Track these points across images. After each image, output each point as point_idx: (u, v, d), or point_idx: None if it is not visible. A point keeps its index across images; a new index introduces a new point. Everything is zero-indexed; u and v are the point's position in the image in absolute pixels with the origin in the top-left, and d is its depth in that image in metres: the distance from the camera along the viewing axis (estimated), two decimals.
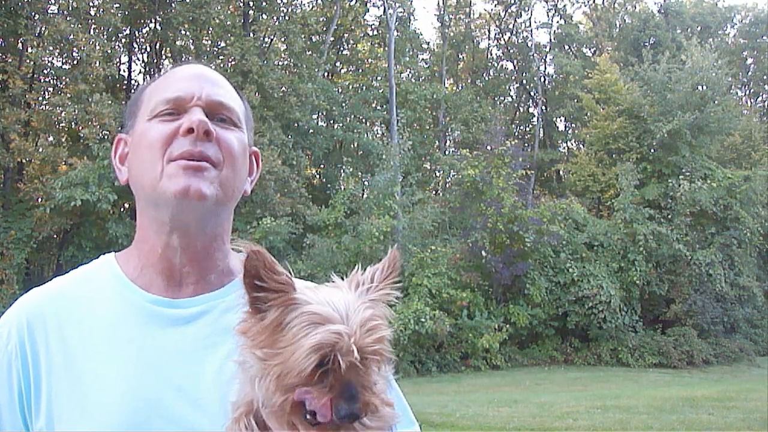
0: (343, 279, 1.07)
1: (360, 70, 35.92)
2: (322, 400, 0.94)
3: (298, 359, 0.93)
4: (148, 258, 1.32)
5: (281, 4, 29.33)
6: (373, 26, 36.45)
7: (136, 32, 27.49)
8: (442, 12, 38.85)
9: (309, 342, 0.93)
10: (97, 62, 22.25)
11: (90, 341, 1.25)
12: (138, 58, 29.33)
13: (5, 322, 1.29)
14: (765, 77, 42.68)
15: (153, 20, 26.47)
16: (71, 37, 21.26)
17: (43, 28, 21.55)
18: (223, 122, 1.32)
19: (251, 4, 28.40)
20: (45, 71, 22.97)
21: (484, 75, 42.28)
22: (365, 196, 27.38)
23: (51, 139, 23.74)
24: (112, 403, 1.19)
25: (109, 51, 23.90)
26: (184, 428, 1.18)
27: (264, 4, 28.11)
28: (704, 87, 29.14)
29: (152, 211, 1.31)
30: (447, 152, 35.04)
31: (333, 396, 0.93)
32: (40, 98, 22.36)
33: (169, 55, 28.70)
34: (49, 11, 22.19)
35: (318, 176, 32.03)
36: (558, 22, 41.15)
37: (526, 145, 37.57)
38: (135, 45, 28.29)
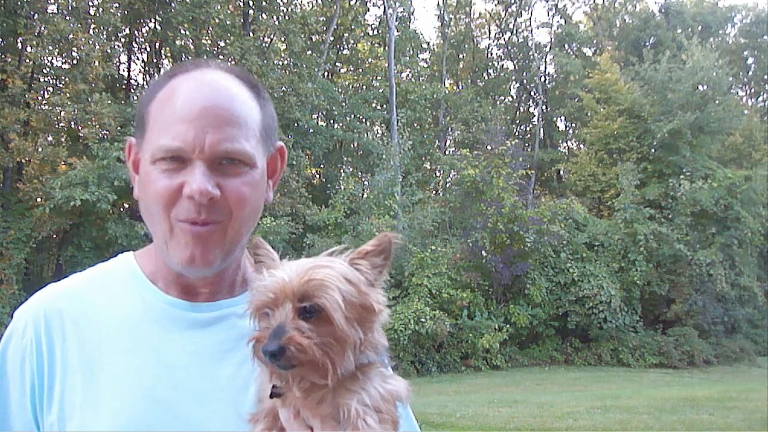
0: None
1: (360, 70, 35.94)
2: (254, 336, 1.03)
3: (250, 301, 1.06)
4: (165, 271, 1.32)
5: (281, 4, 29.31)
6: (373, 26, 36.45)
7: (136, 32, 27.45)
8: (442, 12, 38.86)
9: (254, 289, 1.06)
10: (97, 62, 22.21)
11: (107, 340, 1.25)
12: (138, 58, 29.29)
13: (22, 317, 1.29)
14: (765, 77, 42.67)
15: (153, 20, 26.44)
16: (71, 36, 21.22)
17: (43, 28, 21.50)
18: (233, 164, 1.22)
19: (251, 3, 28.37)
20: (44, 71, 22.92)
21: (484, 75, 42.28)
22: (365, 196, 27.38)
23: (50, 138, 23.73)
24: (126, 403, 1.20)
25: (109, 51, 23.86)
26: (196, 431, 1.19)
27: (264, 3, 28.09)
28: (705, 87, 29.16)
29: (164, 249, 1.29)
30: (447, 152, 35.05)
31: (264, 335, 1.01)
32: (40, 98, 22.31)
33: (169, 54, 28.66)
34: (48, 11, 22.15)
35: (318, 176, 32.02)
36: (558, 21, 41.22)
37: (527, 144, 37.59)
38: (134, 44, 28.25)
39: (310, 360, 0.98)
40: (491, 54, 42.87)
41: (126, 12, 24.69)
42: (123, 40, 26.97)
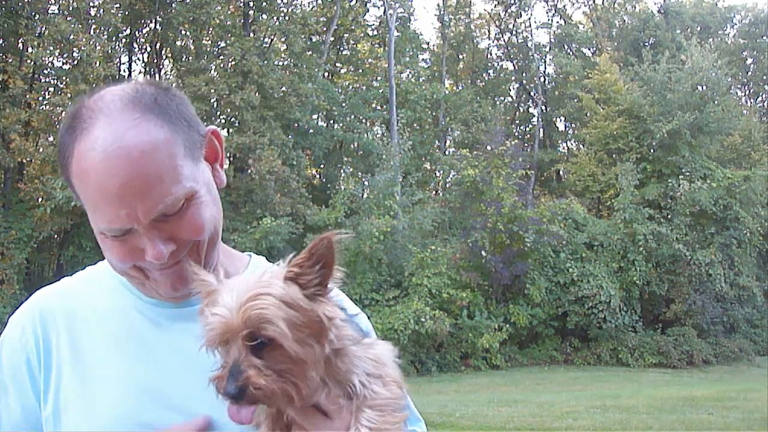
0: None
1: (360, 70, 35.92)
2: (214, 376, 1.04)
3: (203, 340, 1.05)
4: None
5: (281, 4, 29.33)
6: (373, 26, 36.46)
7: (136, 32, 27.48)
8: (442, 12, 38.85)
9: (202, 325, 1.05)
10: (98, 62, 22.25)
11: (96, 335, 1.30)
12: (138, 58, 29.33)
13: (18, 316, 1.34)
14: (765, 77, 42.65)
15: (153, 20, 26.47)
16: (71, 37, 21.26)
17: (44, 28, 21.55)
18: (175, 213, 1.20)
19: (251, 4, 28.39)
20: (45, 71, 22.98)
21: (484, 75, 42.25)
22: (365, 196, 27.38)
23: (51, 139, 23.74)
24: (118, 396, 1.24)
25: (110, 51, 23.91)
26: (186, 419, 1.23)
27: (264, 4, 28.11)
28: (704, 87, 29.16)
29: (142, 288, 1.32)
30: (447, 152, 35.03)
31: (223, 374, 1.01)
32: (41, 98, 22.37)
33: (170, 55, 28.69)
34: (49, 11, 22.21)
35: (318, 176, 32.04)
36: (558, 22, 41.20)
37: (526, 145, 37.57)
38: (135, 45, 28.28)
39: (271, 394, 0.99)
40: (491, 54, 42.85)
41: (126, 12, 24.72)
42: (123, 40, 27.00)
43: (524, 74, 40.43)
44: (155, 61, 28.32)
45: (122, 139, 1.14)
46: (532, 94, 40.22)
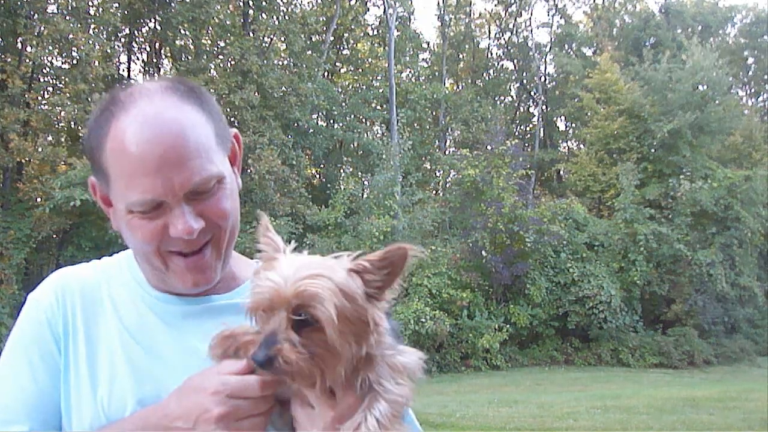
0: None
1: (360, 70, 35.91)
2: (245, 339, 1.06)
3: (248, 299, 1.06)
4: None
5: (281, 4, 29.29)
6: (373, 26, 36.46)
7: (136, 32, 27.44)
8: (442, 12, 38.84)
9: (252, 286, 1.06)
10: (97, 62, 22.18)
11: (110, 326, 1.32)
12: (137, 58, 29.28)
13: (46, 291, 1.38)
14: (766, 77, 42.66)
15: (152, 20, 26.42)
16: (70, 36, 21.21)
17: (43, 28, 21.50)
18: (206, 190, 1.24)
19: (251, 3, 28.35)
20: (44, 71, 22.91)
21: (484, 75, 42.25)
22: (365, 196, 27.38)
23: (50, 138, 23.73)
24: (120, 391, 1.25)
25: (109, 50, 23.83)
26: None
27: (264, 3, 28.07)
28: (705, 87, 29.17)
29: (163, 278, 1.35)
30: (447, 152, 35.04)
31: (256, 340, 1.03)
32: (40, 98, 22.30)
33: (169, 54, 28.66)
34: (48, 11, 22.15)
35: (318, 176, 32.01)
36: (558, 21, 41.20)
37: (527, 144, 37.58)
38: (134, 44, 28.24)
39: (296, 372, 0.99)
40: (491, 54, 42.86)
41: (126, 12, 24.67)
42: (123, 40, 26.95)
43: (524, 74, 40.45)
44: (155, 60, 28.29)
45: (163, 115, 1.20)
46: (532, 93, 40.23)
